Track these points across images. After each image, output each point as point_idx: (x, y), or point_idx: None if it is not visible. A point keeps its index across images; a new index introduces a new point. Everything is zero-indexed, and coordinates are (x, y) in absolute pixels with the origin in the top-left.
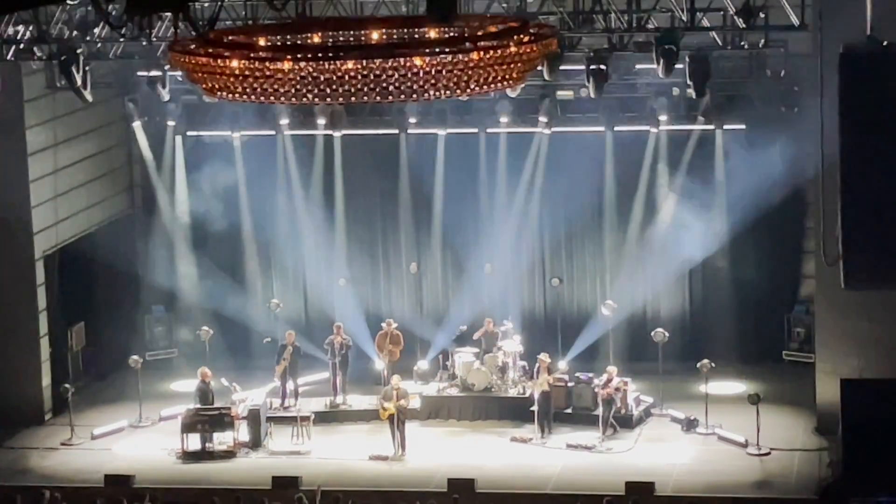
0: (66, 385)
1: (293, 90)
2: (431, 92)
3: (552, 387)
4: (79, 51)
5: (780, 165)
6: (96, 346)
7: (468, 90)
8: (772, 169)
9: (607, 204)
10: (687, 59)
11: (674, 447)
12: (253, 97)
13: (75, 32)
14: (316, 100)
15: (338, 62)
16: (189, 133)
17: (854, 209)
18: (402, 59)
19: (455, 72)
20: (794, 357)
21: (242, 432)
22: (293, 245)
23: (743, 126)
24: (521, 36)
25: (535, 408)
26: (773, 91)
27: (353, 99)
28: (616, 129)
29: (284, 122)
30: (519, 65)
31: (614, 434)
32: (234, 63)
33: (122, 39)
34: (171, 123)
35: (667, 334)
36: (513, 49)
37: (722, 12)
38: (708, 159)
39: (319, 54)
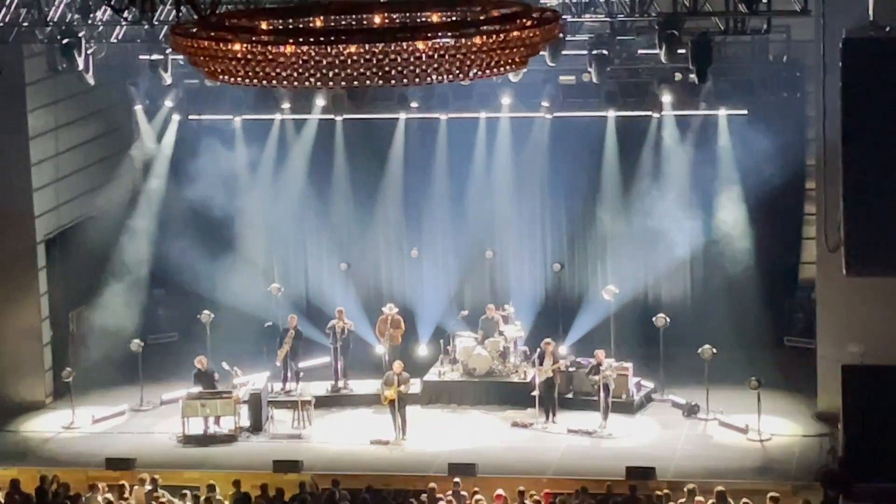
0: (68, 369)
1: (295, 74)
2: (433, 76)
3: (556, 373)
4: (80, 34)
5: (781, 151)
6: (97, 330)
7: (470, 74)
8: (774, 154)
9: (609, 189)
10: (689, 44)
11: (675, 432)
12: (255, 81)
13: (77, 15)
14: (318, 84)
15: (340, 46)
16: (191, 116)
17: (856, 195)
18: (404, 44)
19: (457, 56)
20: (796, 343)
21: (243, 416)
22: (294, 229)
23: (745, 111)
24: (524, 20)
25: (536, 392)
26: (776, 76)
27: (355, 83)
28: (618, 113)
29: (286, 105)
30: (521, 49)
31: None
32: (236, 47)
33: (123, 23)
34: (171, 106)
35: (668, 319)
36: (515, 33)
37: None
38: (710, 144)
39: (322, 38)
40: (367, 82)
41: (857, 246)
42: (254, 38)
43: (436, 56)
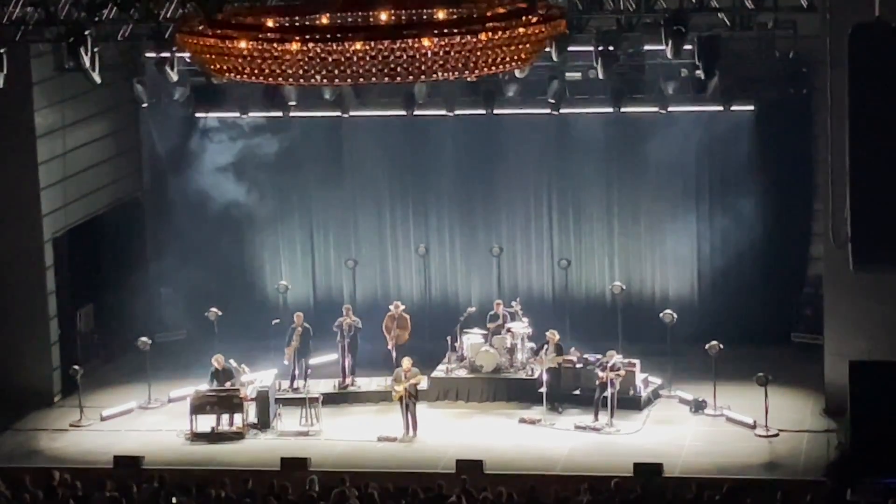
0: (76, 367)
1: (301, 71)
2: (440, 73)
3: (561, 366)
4: (87, 32)
5: (788, 147)
6: (105, 328)
7: (476, 71)
8: (780, 150)
9: (615, 185)
10: (696, 41)
11: (682, 428)
12: (261, 78)
13: (83, 14)
14: (324, 81)
15: (346, 43)
16: (197, 114)
17: (863, 191)
18: (410, 40)
19: (463, 53)
20: (803, 339)
21: (251, 414)
22: (301, 226)
23: (752, 107)
24: (530, 17)
25: (543, 389)
26: (783, 72)
27: (361, 80)
28: (624, 110)
29: (293, 103)
30: (527, 46)
31: (611, 420)
32: (242, 44)
33: (130, 21)
34: (179, 104)
35: (675, 316)
36: (521, 30)
37: None
38: (716, 141)
39: (328, 35)
40: (373, 79)
41: (865, 242)
42: (260, 36)
43: (441, 53)
